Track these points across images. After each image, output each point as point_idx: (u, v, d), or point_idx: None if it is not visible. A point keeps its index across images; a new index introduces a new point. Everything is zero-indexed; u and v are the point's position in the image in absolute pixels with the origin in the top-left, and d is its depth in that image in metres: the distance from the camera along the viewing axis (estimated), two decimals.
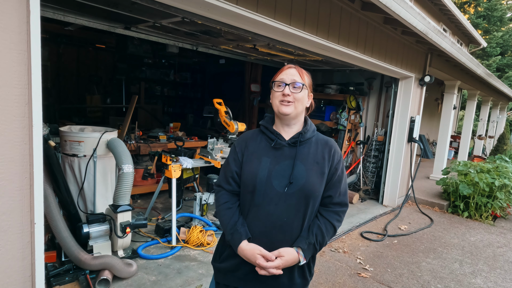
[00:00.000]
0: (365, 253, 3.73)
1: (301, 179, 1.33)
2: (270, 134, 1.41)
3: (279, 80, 1.36)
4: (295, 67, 1.39)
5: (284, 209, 1.33)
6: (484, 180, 5.10)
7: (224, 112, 3.64)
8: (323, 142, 1.43)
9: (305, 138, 1.39)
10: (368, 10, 3.67)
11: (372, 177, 6.06)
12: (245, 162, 1.39)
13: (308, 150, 1.38)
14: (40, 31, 1.60)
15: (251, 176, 1.35)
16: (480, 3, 18.34)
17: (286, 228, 1.35)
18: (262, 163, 1.35)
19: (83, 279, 2.62)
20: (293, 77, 1.35)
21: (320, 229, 1.37)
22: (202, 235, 3.46)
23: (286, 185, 1.32)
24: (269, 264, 1.30)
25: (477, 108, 11.32)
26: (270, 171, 1.34)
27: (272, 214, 1.33)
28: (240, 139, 1.49)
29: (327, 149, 1.41)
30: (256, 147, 1.40)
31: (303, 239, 1.35)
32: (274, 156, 1.36)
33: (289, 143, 1.38)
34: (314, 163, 1.36)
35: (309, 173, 1.34)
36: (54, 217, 2.56)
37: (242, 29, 2.89)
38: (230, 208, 1.40)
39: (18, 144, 1.60)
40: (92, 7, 3.04)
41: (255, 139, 1.43)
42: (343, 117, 5.80)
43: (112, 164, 3.33)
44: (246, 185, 1.37)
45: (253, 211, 1.36)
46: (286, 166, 1.34)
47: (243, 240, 1.33)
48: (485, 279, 3.37)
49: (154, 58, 8.42)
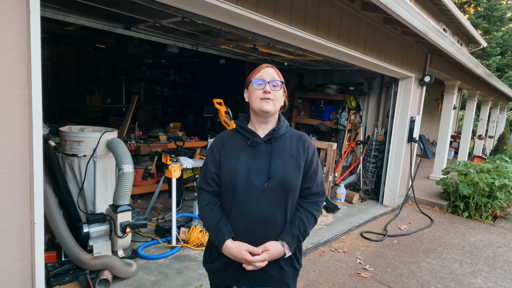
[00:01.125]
0: (365, 253, 3.73)
1: (279, 174, 1.36)
2: (245, 133, 1.43)
3: (259, 77, 1.39)
4: (272, 67, 1.43)
5: (266, 204, 1.36)
6: (484, 180, 5.10)
7: (224, 112, 3.64)
8: (297, 137, 1.47)
9: (279, 134, 1.43)
10: (368, 10, 3.67)
11: (372, 177, 6.06)
12: (223, 161, 1.42)
13: (283, 145, 1.42)
14: (40, 31, 1.60)
15: (231, 175, 1.37)
16: (480, 3, 18.33)
17: (270, 223, 1.38)
18: (240, 161, 1.38)
19: (83, 279, 2.62)
20: (272, 75, 1.39)
21: (302, 220, 1.41)
22: (202, 235, 3.46)
23: (265, 180, 1.36)
24: (255, 258, 1.33)
25: (477, 108, 11.32)
26: (249, 169, 1.37)
27: (254, 211, 1.36)
28: (216, 139, 1.51)
29: (301, 143, 1.45)
30: (233, 147, 1.43)
31: (287, 232, 1.39)
32: (251, 154, 1.39)
33: (264, 140, 1.41)
34: (290, 157, 1.40)
35: (286, 167, 1.38)
36: (54, 217, 2.56)
37: (242, 29, 2.89)
38: (212, 210, 1.42)
39: (18, 144, 1.60)
40: (92, 7, 3.04)
41: (231, 139, 1.46)
42: (343, 117, 5.80)
43: (112, 164, 3.33)
44: (226, 184, 1.39)
45: (235, 210, 1.39)
46: (264, 162, 1.38)
47: (226, 240, 1.36)
48: (485, 279, 3.37)
49: (154, 58, 8.43)
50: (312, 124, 6.25)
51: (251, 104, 1.42)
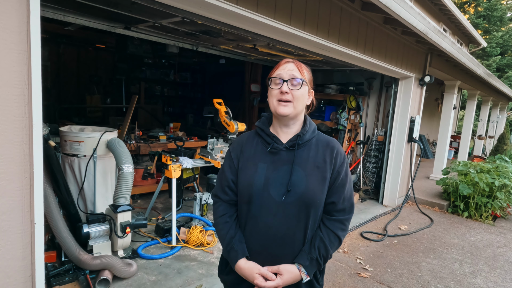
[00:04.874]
0: (365, 253, 3.73)
1: (300, 186, 1.21)
2: (266, 137, 1.30)
3: (276, 76, 1.23)
4: (293, 62, 1.26)
5: (284, 220, 1.23)
6: (484, 180, 5.10)
7: (224, 112, 3.64)
8: (324, 144, 1.30)
9: (304, 140, 1.27)
10: (368, 10, 3.67)
11: (372, 177, 6.06)
12: (240, 169, 1.29)
13: (307, 154, 1.27)
14: (40, 31, 1.60)
15: (247, 185, 1.25)
16: (480, 3, 18.33)
17: (287, 241, 1.25)
18: (258, 169, 1.25)
19: (83, 279, 2.62)
20: (291, 72, 1.22)
21: (323, 241, 1.26)
22: (202, 235, 3.46)
23: (284, 193, 1.22)
24: (267, 284, 1.22)
25: (477, 108, 11.32)
26: (267, 179, 1.23)
27: (271, 226, 1.24)
28: (235, 143, 1.39)
29: (328, 151, 1.28)
30: (252, 152, 1.30)
31: (305, 254, 1.25)
32: (271, 162, 1.26)
33: (286, 147, 1.26)
34: (315, 168, 1.25)
35: (309, 179, 1.23)
36: (54, 217, 2.56)
37: (242, 29, 2.89)
38: (227, 222, 1.32)
39: (18, 144, 1.60)
40: (92, 7, 3.04)
41: (251, 143, 1.33)
42: (343, 117, 5.80)
43: (112, 164, 3.33)
44: (242, 195, 1.27)
45: (250, 223, 1.27)
46: (284, 172, 1.23)
47: (239, 260, 1.26)
48: (485, 279, 3.37)
49: (154, 58, 8.43)
50: None
51: (270, 106, 1.27)
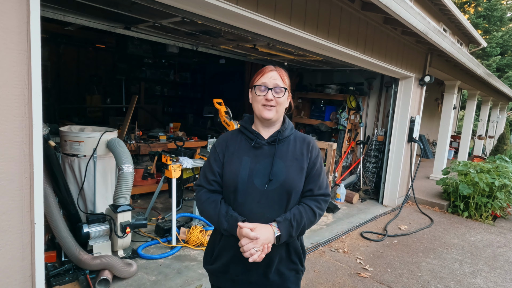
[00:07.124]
0: (365, 253, 3.73)
1: (281, 176, 1.35)
2: (249, 134, 1.43)
3: (261, 84, 1.37)
4: (275, 70, 1.40)
5: (267, 206, 1.36)
6: (484, 180, 5.10)
7: (224, 112, 3.64)
8: (301, 139, 1.46)
9: (284, 136, 1.42)
10: (368, 10, 3.67)
11: (372, 177, 6.06)
12: (226, 162, 1.41)
13: (287, 148, 1.41)
14: (40, 31, 1.60)
15: (233, 176, 1.36)
16: (480, 3, 18.33)
17: None
18: (243, 162, 1.37)
19: (83, 279, 2.62)
20: (275, 81, 1.36)
21: (298, 209, 1.38)
22: (202, 235, 3.46)
23: (266, 182, 1.35)
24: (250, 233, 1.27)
25: (477, 108, 11.32)
26: (251, 170, 1.36)
27: (255, 213, 1.35)
28: (220, 139, 1.50)
29: (305, 145, 1.44)
30: (236, 147, 1.42)
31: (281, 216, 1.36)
32: (254, 155, 1.39)
33: (268, 142, 1.41)
34: (294, 159, 1.40)
35: (289, 170, 1.37)
36: (54, 217, 2.56)
37: (242, 29, 2.89)
38: (214, 201, 1.39)
39: (18, 144, 1.60)
40: (92, 7, 3.04)
41: (235, 139, 1.45)
42: (343, 117, 5.80)
43: (112, 164, 3.33)
44: (228, 185, 1.38)
45: (236, 211, 1.37)
46: (266, 164, 1.37)
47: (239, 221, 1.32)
48: (485, 279, 3.37)
49: (154, 58, 8.43)
50: (312, 124, 6.25)
51: (253, 109, 1.41)
